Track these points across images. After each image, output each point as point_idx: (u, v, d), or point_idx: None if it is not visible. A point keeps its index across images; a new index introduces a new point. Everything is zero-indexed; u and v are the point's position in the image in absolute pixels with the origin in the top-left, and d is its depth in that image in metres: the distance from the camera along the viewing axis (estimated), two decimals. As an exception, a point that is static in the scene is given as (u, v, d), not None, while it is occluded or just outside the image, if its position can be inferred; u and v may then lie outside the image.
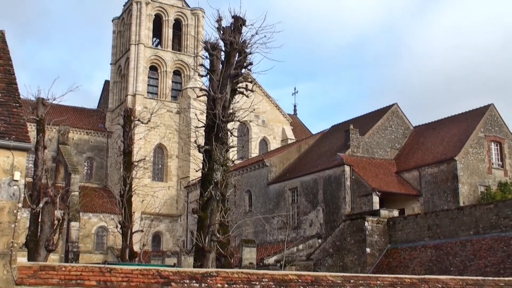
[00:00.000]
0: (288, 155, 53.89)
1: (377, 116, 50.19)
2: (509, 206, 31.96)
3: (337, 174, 44.32)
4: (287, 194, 49.12)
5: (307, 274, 10.94)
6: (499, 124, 46.08)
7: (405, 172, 46.04)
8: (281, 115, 73.77)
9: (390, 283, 11.69)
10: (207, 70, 18.19)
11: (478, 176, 43.39)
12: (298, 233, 46.27)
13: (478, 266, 30.46)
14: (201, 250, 15.86)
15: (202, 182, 17.36)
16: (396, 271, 33.17)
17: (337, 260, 38.36)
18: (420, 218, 36.83)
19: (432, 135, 48.06)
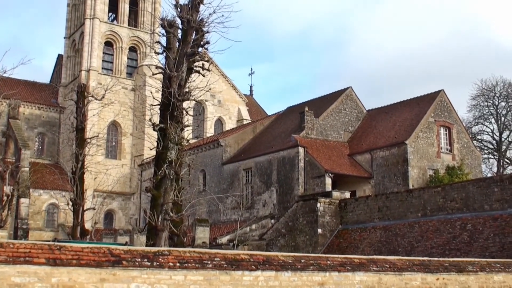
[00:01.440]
0: (243, 135, 53.99)
1: (331, 99, 50.69)
2: (455, 189, 32.86)
3: (291, 156, 44.68)
4: (241, 174, 49.29)
5: (259, 253, 11.09)
6: (448, 109, 47.13)
7: (357, 155, 46.75)
8: (237, 95, 73.71)
9: (339, 263, 11.94)
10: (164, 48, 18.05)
11: (427, 160, 44.40)
12: (252, 213, 46.57)
13: (424, 247, 31.29)
14: (154, 228, 15.86)
15: (156, 160, 17.30)
16: (346, 252, 33.81)
17: (289, 240, 38.82)
18: (370, 200, 37.54)
19: (384, 119, 48.84)
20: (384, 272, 12.41)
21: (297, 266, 11.10)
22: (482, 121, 68.03)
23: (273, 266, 10.80)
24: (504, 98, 67.16)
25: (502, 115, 67.02)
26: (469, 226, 30.85)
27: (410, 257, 14.18)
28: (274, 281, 10.65)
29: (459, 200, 32.31)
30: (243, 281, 10.32)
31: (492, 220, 30.18)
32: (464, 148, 47.53)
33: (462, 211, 31.96)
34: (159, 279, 9.56)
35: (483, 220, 30.55)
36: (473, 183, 32.93)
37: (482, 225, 30.31)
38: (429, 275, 13.22)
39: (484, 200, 31.24)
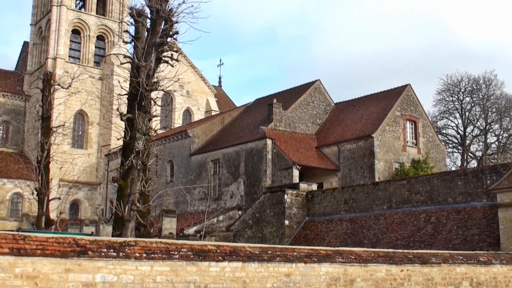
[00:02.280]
0: (211, 126, 53.87)
1: (300, 92, 50.85)
2: (420, 182, 33.34)
3: (259, 147, 44.75)
4: (209, 165, 49.22)
5: (226, 244, 11.12)
6: (414, 104, 47.71)
7: (325, 147, 47.04)
8: (206, 86, 73.46)
9: (306, 255, 12.04)
10: (132, 37, 17.88)
11: (393, 153, 44.92)
12: (219, 204, 46.56)
13: (389, 239, 31.71)
14: (120, 219, 15.76)
15: (123, 150, 17.17)
16: (312, 243, 34.07)
17: (256, 232, 38.95)
18: (337, 192, 37.85)
19: (352, 112, 49.21)
20: (349, 264, 12.55)
21: (264, 257, 11.16)
22: (447, 115, 69.06)
23: (240, 257, 10.84)
24: (468, 93, 68.22)
25: (467, 110, 68.08)
26: (433, 219, 31.34)
27: (375, 249, 14.36)
28: (241, 272, 10.70)
29: (424, 193, 32.79)
30: (210, 272, 10.34)
31: (456, 213, 30.71)
32: (429, 142, 48.19)
33: (427, 203, 32.45)
34: (125, 269, 9.52)
35: (447, 213, 31.06)
36: (437, 176, 33.43)
37: (446, 218, 30.83)
38: (393, 266, 13.41)
39: (448, 193, 31.76)
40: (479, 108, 68.07)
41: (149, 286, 9.70)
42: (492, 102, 67.77)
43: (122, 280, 9.45)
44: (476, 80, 67.81)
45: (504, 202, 26.97)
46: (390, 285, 13.24)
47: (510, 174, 27.37)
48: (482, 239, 28.31)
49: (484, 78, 67.81)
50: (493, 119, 67.94)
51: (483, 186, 30.33)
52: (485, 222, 29.01)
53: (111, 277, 9.36)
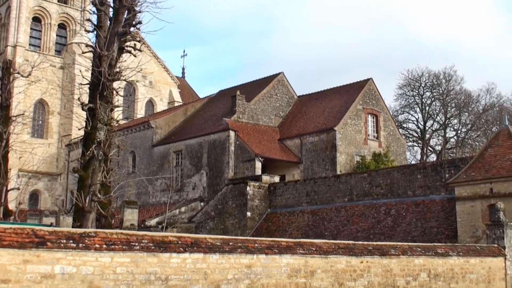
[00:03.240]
0: (174, 117, 53.59)
1: (263, 84, 50.93)
2: (381, 175, 33.81)
3: (222, 139, 44.72)
4: (171, 156, 48.99)
5: (187, 236, 11.12)
6: (376, 97, 48.26)
7: (287, 140, 47.26)
8: (169, 77, 72.96)
9: (267, 246, 12.10)
10: (94, 26, 17.64)
11: (355, 146, 45.39)
12: (181, 196, 46.42)
13: (350, 231, 32.09)
14: (81, 210, 15.60)
15: (84, 140, 16.97)
16: (274, 235, 34.28)
17: (218, 223, 38.97)
18: (299, 184, 38.12)
19: (314, 105, 49.51)
20: (310, 255, 12.67)
21: (225, 249, 11.20)
22: (408, 110, 70.00)
23: (201, 248, 10.85)
24: (429, 88, 69.26)
25: (427, 105, 69.14)
26: (393, 211, 31.82)
27: (336, 240, 14.52)
28: (202, 263, 10.71)
29: (384, 186, 33.25)
30: (171, 263, 10.33)
31: (415, 205, 31.24)
32: (390, 135, 48.83)
33: (387, 196, 32.93)
34: (84, 261, 9.45)
35: (406, 206, 31.57)
36: (397, 169, 33.94)
37: (405, 211, 31.33)
38: (353, 258, 13.59)
39: (407, 186, 32.27)
40: (439, 103, 69.22)
41: (109, 278, 9.64)
42: (452, 97, 68.95)
43: (82, 272, 9.38)
44: (437, 75, 68.93)
45: (461, 196, 27.53)
46: (350, 277, 13.41)
47: (468, 168, 27.93)
48: (440, 231, 28.87)
49: (444, 73, 69.00)
50: (452, 114, 69.17)
51: (441, 180, 30.91)
52: (443, 215, 29.58)
53: (71, 269, 9.28)
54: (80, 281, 9.34)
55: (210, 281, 10.77)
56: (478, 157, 28.44)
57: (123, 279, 9.76)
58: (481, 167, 27.43)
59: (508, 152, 27.07)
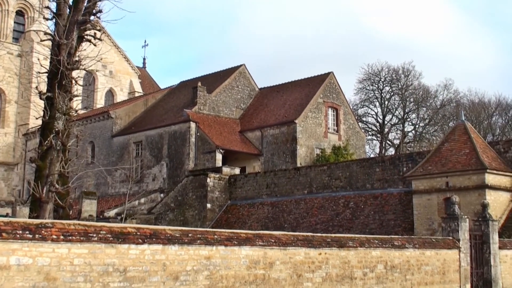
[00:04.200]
0: (134, 108, 53.12)
1: (224, 76, 50.87)
2: (340, 168, 34.17)
3: (183, 130, 44.56)
4: (131, 147, 48.60)
5: (146, 227, 11.06)
6: (336, 91, 48.69)
7: (248, 132, 47.34)
8: (130, 67, 72.19)
9: (226, 238, 12.13)
10: (53, 14, 17.33)
11: (315, 139, 45.74)
12: (141, 187, 46.12)
13: (309, 223, 32.38)
14: (38, 200, 15.36)
15: (42, 130, 16.69)
16: (234, 227, 34.34)
17: (178, 215, 38.87)
18: (259, 176, 38.26)
19: (275, 98, 49.69)
20: (269, 247, 12.75)
21: (184, 240, 11.19)
22: (367, 104, 70.78)
23: (160, 240, 10.82)
24: (388, 83, 70.12)
25: (386, 99, 70.02)
26: (352, 204, 32.21)
27: (295, 232, 14.64)
28: (161, 254, 10.69)
29: (343, 178, 33.62)
30: (130, 254, 10.28)
31: (373, 198, 31.68)
32: (350, 129, 49.34)
33: (346, 189, 33.31)
34: (41, 252, 9.33)
35: (365, 198, 31.99)
36: (356, 162, 34.35)
37: (364, 203, 31.75)
38: (312, 250, 13.72)
39: (366, 179, 32.70)
40: (398, 97, 70.16)
41: (66, 269, 9.54)
42: (410, 92, 69.96)
43: (38, 263, 9.26)
44: (396, 70, 69.82)
45: (418, 189, 28.04)
46: (308, 268, 13.54)
47: (425, 162, 28.44)
48: (397, 224, 29.36)
49: (403, 68, 69.91)
50: (410, 108, 70.20)
51: (399, 173, 31.41)
52: (400, 207, 30.08)
53: (27, 260, 9.16)
54: (36, 272, 9.23)
55: (169, 272, 10.76)
56: (435, 152, 28.98)
57: (81, 271, 9.67)
58: (437, 161, 27.96)
59: (464, 147, 27.65)
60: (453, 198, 19.28)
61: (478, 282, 19.27)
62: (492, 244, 19.87)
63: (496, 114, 68.96)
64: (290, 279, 13.08)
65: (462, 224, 18.70)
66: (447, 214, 19.47)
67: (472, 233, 19.49)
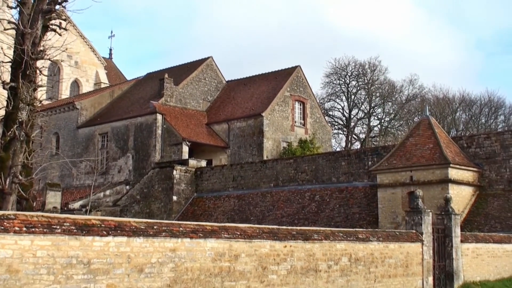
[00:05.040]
0: (100, 99, 52.57)
1: (192, 68, 50.67)
2: (306, 161, 34.38)
3: (149, 122, 44.28)
4: (97, 139, 48.13)
5: (111, 219, 10.97)
6: (303, 85, 48.91)
7: (215, 124, 47.27)
8: (96, 57, 71.32)
9: (192, 230, 12.11)
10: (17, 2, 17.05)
11: (282, 132, 45.91)
12: (106, 179, 45.73)
13: (275, 216, 32.52)
14: (0, 192, 15.14)
15: (5, 121, 16.42)
16: (200, 219, 34.30)
17: (144, 207, 38.67)
18: (226, 169, 38.26)
19: (243, 91, 49.70)
20: (235, 239, 12.76)
21: (150, 232, 11.14)
22: (334, 98, 71.28)
23: (125, 232, 10.75)
24: (354, 77, 70.70)
25: (352, 94, 70.59)
26: (317, 197, 32.46)
27: (260, 225, 14.69)
28: (125, 247, 10.62)
29: (310, 172, 33.85)
30: (94, 246, 10.20)
31: (339, 192, 31.97)
32: (316, 122, 49.63)
33: (312, 182, 33.54)
34: (3, 244, 9.21)
35: (330, 192, 32.26)
36: (322, 156, 34.61)
37: (329, 197, 32.01)
38: (277, 242, 13.78)
39: (332, 173, 32.97)
40: (364, 92, 70.80)
41: (28, 261, 9.43)
42: (376, 87, 70.65)
43: (0, 255, 9.14)
44: (362, 65, 70.41)
45: (383, 183, 28.38)
46: (274, 261, 13.61)
47: (390, 156, 28.79)
48: (362, 217, 29.69)
49: (369, 63, 70.55)
50: (376, 103, 70.92)
51: (364, 167, 31.75)
52: (365, 201, 30.42)
53: (-11, 252, 9.03)
54: (-2, 264, 9.12)
55: (133, 264, 10.70)
56: (399, 146, 29.35)
57: (44, 263, 9.57)
58: (402, 156, 28.33)
59: (428, 142, 28.06)
60: (417, 192, 19.54)
61: (440, 275, 19.60)
62: (454, 237, 20.22)
63: (460, 109, 70.13)
64: (255, 272, 13.13)
65: (425, 217, 18.99)
66: (411, 207, 19.75)
67: (435, 226, 19.79)
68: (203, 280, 11.93)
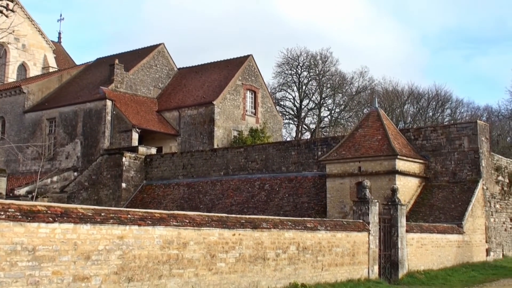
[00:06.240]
0: (48, 83, 51.46)
1: (143, 54, 50.11)
2: (257, 150, 34.50)
3: (99, 108, 43.64)
4: (44, 124, 47.16)
5: (57, 205, 10.80)
6: (255, 74, 48.99)
7: (166, 112, 46.94)
8: (44, 41, 69.64)
9: (140, 217, 12.03)
10: (-38, -18, 16.54)
11: (233, 121, 45.92)
12: (54, 165, 44.91)
13: (225, 204, 32.56)
14: None
15: None
16: (149, 207, 34.08)
17: (92, 194, 38.17)
18: (176, 157, 38.07)
19: (194, 78, 49.46)
20: (183, 227, 12.74)
21: (97, 219, 11.01)
22: (285, 88, 71.59)
23: (71, 218, 10.60)
24: (306, 68, 71.13)
25: (304, 84, 71.05)
26: (267, 186, 32.63)
27: (209, 213, 14.70)
28: (72, 234, 10.48)
29: (260, 161, 33.98)
30: (39, 233, 10.02)
31: (288, 181, 32.21)
32: (267, 112, 49.80)
33: (262, 171, 33.69)
34: None
35: (280, 181, 32.47)
36: (273, 145, 34.78)
37: (279, 186, 32.22)
38: (226, 230, 13.82)
39: (282, 162, 33.17)
40: (315, 82, 71.36)
41: (-29, 248, 9.23)
42: (327, 78, 71.32)
43: None
44: (314, 56, 70.89)
45: (332, 173, 28.73)
46: (222, 249, 13.65)
47: (339, 147, 29.15)
48: (310, 206, 30.00)
49: (321, 54, 71.08)
50: (327, 94, 71.59)
51: (314, 157, 32.06)
52: (314, 191, 30.74)
53: None
54: None
55: (80, 251, 10.57)
56: (348, 137, 29.73)
57: (-13, 249, 9.37)
58: (351, 146, 28.72)
59: (377, 133, 28.52)
60: (365, 183, 19.86)
61: (385, 264, 20.01)
62: (400, 227, 20.65)
63: (408, 102, 71.47)
64: (204, 259, 13.15)
65: (372, 207, 19.32)
66: (359, 198, 20.05)
67: (382, 216, 20.17)
68: (151, 267, 11.88)
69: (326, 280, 16.93)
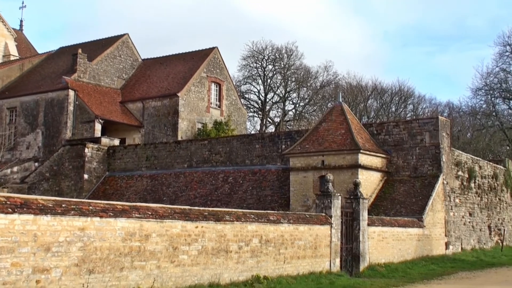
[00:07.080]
0: (9, 72, 50.49)
1: (107, 44, 49.51)
2: (221, 143, 34.47)
3: (61, 98, 43.03)
4: (4, 113, 46.31)
5: (17, 196, 10.63)
6: (220, 66, 48.88)
7: (129, 103, 46.53)
8: (5, 28, 68.12)
9: (101, 209, 11.93)
10: None
11: (197, 113, 45.77)
12: (14, 155, 44.16)
13: (188, 197, 32.47)
14: None
15: None
16: (111, 198, 33.75)
17: (53, 185, 37.65)
18: (139, 148, 37.79)
19: (159, 70, 49.12)
20: (146, 219, 12.67)
21: (58, 211, 10.87)
22: (250, 81, 71.62)
23: (31, 209, 10.45)
24: (271, 61, 71.22)
25: (269, 77, 71.18)
26: (231, 179, 32.64)
27: (172, 205, 14.64)
28: (32, 225, 10.33)
29: (224, 154, 33.96)
30: (-2, 224, 9.87)
31: (252, 174, 32.27)
32: (232, 105, 49.75)
33: (226, 164, 33.68)
34: None
35: (244, 174, 32.52)
36: (237, 138, 34.79)
37: (243, 179, 32.27)
38: (189, 223, 13.79)
39: (246, 155, 33.22)
40: (280, 76, 71.54)
41: None
42: (292, 71, 71.55)
43: None
44: (279, 49, 71.02)
45: (295, 166, 28.88)
46: (185, 241, 13.62)
47: (303, 141, 29.30)
48: (274, 199, 30.12)
49: (286, 48, 71.25)
50: (292, 88, 71.86)
51: (278, 150, 32.17)
52: (278, 184, 30.86)
53: None
54: None
55: (40, 243, 10.43)
56: (312, 131, 29.91)
57: None
58: (315, 140, 28.90)
59: (340, 128, 28.75)
60: (328, 176, 20.01)
61: (347, 257, 20.23)
62: (361, 221, 20.88)
63: (372, 97, 72.17)
64: (166, 252, 13.11)
65: (334, 201, 19.48)
66: (321, 191, 20.20)
67: (344, 210, 20.37)
68: (112, 259, 11.79)
69: (288, 272, 17.04)
